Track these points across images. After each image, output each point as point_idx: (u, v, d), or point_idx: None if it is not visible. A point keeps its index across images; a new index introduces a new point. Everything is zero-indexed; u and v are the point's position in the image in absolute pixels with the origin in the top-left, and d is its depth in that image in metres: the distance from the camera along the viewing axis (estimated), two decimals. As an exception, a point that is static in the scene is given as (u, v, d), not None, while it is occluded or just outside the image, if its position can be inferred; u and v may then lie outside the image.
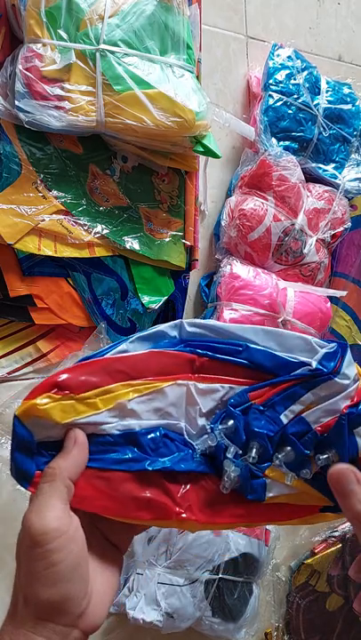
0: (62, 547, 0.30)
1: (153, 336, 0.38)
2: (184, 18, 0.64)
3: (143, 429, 0.36)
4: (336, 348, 0.38)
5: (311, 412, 0.38)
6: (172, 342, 0.38)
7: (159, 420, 0.37)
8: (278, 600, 0.89)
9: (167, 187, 0.72)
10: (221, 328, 0.38)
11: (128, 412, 0.36)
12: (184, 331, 0.38)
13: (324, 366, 0.37)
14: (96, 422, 0.35)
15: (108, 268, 0.67)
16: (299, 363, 0.38)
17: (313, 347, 0.38)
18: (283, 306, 0.73)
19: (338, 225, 0.82)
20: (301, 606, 0.89)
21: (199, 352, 0.38)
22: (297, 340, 0.38)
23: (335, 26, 0.96)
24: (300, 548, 0.92)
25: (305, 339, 0.38)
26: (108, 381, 0.35)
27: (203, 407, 0.38)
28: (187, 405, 0.38)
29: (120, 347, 0.36)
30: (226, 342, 0.38)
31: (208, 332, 0.39)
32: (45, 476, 0.33)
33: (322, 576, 0.91)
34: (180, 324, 0.38)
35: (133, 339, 0.37)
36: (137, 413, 0.36)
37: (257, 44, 0.85)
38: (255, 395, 0.38)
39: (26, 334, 0.64)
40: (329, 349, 0.38)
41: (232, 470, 0.36)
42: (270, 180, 0.75)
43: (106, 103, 0.59)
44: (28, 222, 0.60)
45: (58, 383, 0.34)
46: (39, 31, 0.57)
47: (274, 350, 0.38)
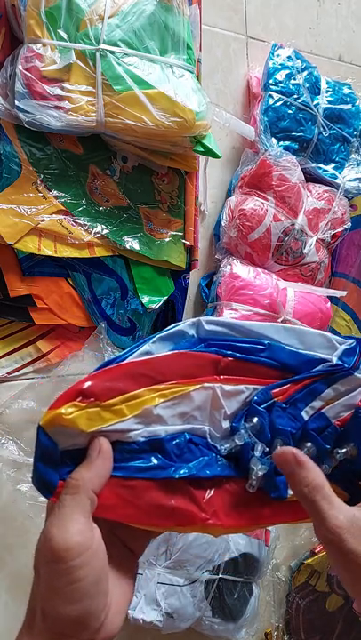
0: (85, 563, 0.30)
1: (173, 335, 0.37)
2: (184, 18, 0.64)
3: (168, 435, 0.35)
4: (355, 344, 0.38)
5: (331, 408, 0.38)
6: (191, 342, 0.37)
7: (184, 424, 0.36)
8: (278, 600, 0.89)
9: (167, 187, 0.72)
10: (242, 326, 0.38)
11: (154, 418, 0.35)
12: (202, 329, 0.38)
13: (345, 362, 0.37)
14: (122, 430, 0.34)
15: (108, 268, 0.67)
16: (319, 359, 0.38)
17: (333, 343, 0.38)
18: (283, 306, 0.73)
19: (338, 225, 0.82)
20: (301, 606, 0.89)
21: (224, 352, 0.37)
22: (318, 338, 0.38)
23: (335, 26, 0.96)
24: (300, 548, 0.92)
25: (325, 335, 0.39)
26: (133, 386, 0.34)
27: (227, 410, 0.37)
28: (211, 409, 0.37)
29: (143, 348, 0.35)
30: (247, 341, 0.38)
31: (228, 329, 0.38)
32: (68, 488, 0.32)
33: (322, 576, 0.91)
34: (198, 322, 0.37)
35: (155, 339, 0.36)
36: (163, 419, 0.35)
37: (257, 44, 0.85)
38: (277, 392, 0.38)
39: (26, 334, 0.64)
40: (348, 345, 0.38)
41: (259, 468, 0.35)
42: (270, 180, 0.75)
43: (106, 103, 0.59)
44: (28, 222, 0.60)
45: (83, 391, 0.33)
46: (39, 31, 0.57)
47: (295, 348, 0.38)
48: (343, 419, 0.38)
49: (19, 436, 0.64)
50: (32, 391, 0.65)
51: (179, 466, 0.35)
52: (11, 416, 0.64)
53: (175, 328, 0.37)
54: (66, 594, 0.30)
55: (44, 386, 0.66)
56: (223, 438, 0.37)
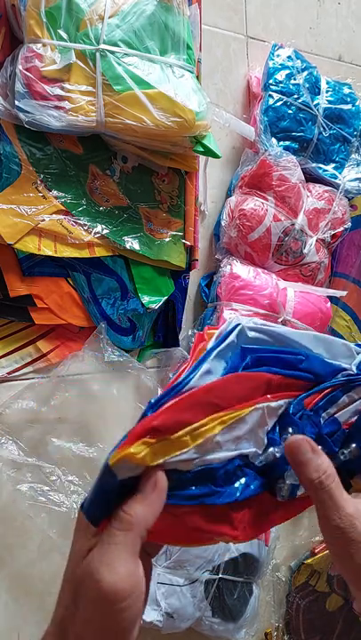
0: (131, 605, 0.29)
1: (225, 348, 0.36)
2: (184, 18, 0.64)
3: (221, 463, 0.35)
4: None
5: (343, 413, 0.39)
6: (236, 354, 0.37)
7: (236, 450, 0.36)
8: (278, 600, 0.89)
9: (167, 187, 0.72)
10: (280, 335, 0.38)
11: (213, 446, 0.34)
12: (243, 337, 0.37)
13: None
14: (182, 460, 0.33)
15: (108, 268, 0.67)
16: (341, 368, 0.39)
17: (352, 352, 0.40)
18: (283, 306, 0.73)
19: (338, 225, 0.82)
20: (301, 606, 0.89)
21: (275, 371, 0.37)
22: (341, 347, 0.40)
23: (335, 26, 0.96)
24: (300, 548, 0.92)
25: (347, 345, 0.40)
26: (199, 416, 0.34)
27: (269, 425, 0.37)
28: (258, 428, 0.37)
29: (203, 367, 0.35)
30: (288, 351, 0.38)
31: (267, 337, 0.38)
32: (122, 523, 0.30)
33: (322, 576, 0.91)
34: (241, 329, 0.37)
35: (213, 355, 0.35)
36: (220, 445, 0.35)
37: (257, 44, 0.85)
38: (307, 401, 0.38)
39: (26, 334, 0.64)
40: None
41: (294, 480, 0.36)
42: (270, 180, 0.75)
43: (106, 103, 0.59)
44: (28, 222, 0.60)
45: (153, 428, 0.32)
46: (39, 31, 0.57)
47: (325, 357, 0.39)
48: (350, 422, 0.39)
49: (19, 436, 0.64)
50: (32, 391, 0.65)
51: (224, 491, 0.35)
52: (11, 416, 0.64)
53: (227, 340, 0.37)
54: (107, 630, 0.29)
55: (44, 386, 0.66)
56: (263, 453, 0.37)
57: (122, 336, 0.69)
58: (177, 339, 0.75)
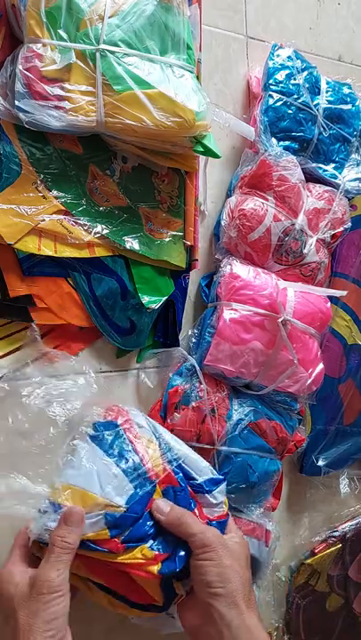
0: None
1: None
2: (184, 18, 0.64)
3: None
4: (220, 477, 0.60)
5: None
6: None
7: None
8: (278, 600, 0.89)
9: (167, 187, 0.72)
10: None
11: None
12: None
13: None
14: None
15: (108, 267, 0.67)
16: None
17: (208, 472, 0.60)
18: (283, 306, 0.73)
19: (338, 225, 0.82)
20: (301, 606, 0.89)
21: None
22: (204, 468, 0.60)
23: (335, 26, 0.96)
24: (300, 548, 0.92)
25: (208, 467, 0.61)
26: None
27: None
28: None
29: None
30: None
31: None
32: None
33: (322, 576, 0.91)
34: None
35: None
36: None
37: (257, 44, 0.85)
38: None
39: (26, 334, 0.64)
40: (215, 476, 0.59)
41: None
42: (270, 180, 0.75)
43: (106, 103, 0.59)
44: (28, 222, 0.60)
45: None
46: (39, 31, 0.57)
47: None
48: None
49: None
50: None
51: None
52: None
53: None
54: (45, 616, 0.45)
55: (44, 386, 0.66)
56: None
57: (122, 336, 0.69)
58: (177, 339, 0.75)
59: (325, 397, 0.87)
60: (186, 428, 0.70)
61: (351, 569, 0.93)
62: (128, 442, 0.55)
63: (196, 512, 0.56)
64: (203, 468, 0.59)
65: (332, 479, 0.96)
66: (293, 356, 0.73)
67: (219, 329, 0.71)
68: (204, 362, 0.71)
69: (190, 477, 0.58)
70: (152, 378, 0.74)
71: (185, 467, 0.58)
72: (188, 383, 0.72)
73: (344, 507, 0.98)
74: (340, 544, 0.92)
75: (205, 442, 0.70)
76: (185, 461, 0.58)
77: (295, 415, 0.79)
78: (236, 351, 0.71)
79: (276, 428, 0.75)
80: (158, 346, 0.75)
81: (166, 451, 0.57)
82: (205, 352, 0.72)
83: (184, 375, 0.73)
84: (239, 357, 0.72)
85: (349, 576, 0.93)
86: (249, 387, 0.76)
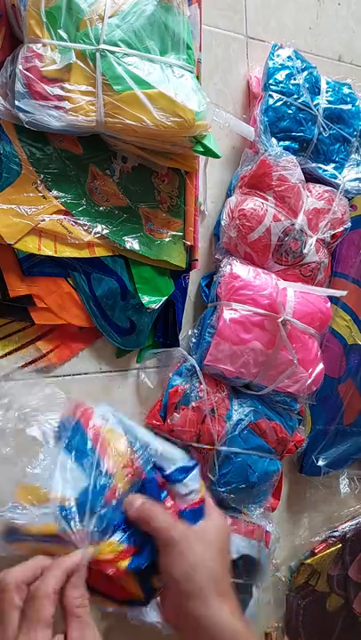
0: None
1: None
2: (184, 18, 0.64)
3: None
4: (190, 464, 0.57)
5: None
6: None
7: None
8: (278, 600, 0.89)
9: (167, 187, 0.72)
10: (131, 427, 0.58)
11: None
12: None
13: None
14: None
15: (108, 267, 0.67)
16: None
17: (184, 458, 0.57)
18: (283, 306, 0.73)
19: (338, 225, 0.82)
20: (301, 606, 0.89)
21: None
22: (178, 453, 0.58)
23: (335, 26, 0.96)
24: (300, 548, 0.92)
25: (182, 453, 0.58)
26: None
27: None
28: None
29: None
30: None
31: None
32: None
33: (322, 576, 0.91)
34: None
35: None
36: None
37: (257, 44, 0.85)
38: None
39: (26, 334, 0.64)
40: (185, 464, 0.56)
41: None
42: (270, 180, 0.75)
43: (106, 103, 0.59)
44: (28, 222, 0.60)
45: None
46: (39, 31, 0.57)
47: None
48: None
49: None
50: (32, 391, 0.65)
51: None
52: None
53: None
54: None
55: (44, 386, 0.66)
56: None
57: (122, 336, 0.69)
58: (177, 339, 0.75)
59: (325, 397, 0.87)
60: (186, 428, 0.70)
61: (351, 569, 0.93)
62: (88, 435, 0.54)
63: (168, 503, 0.55)
64: (174, 456, 0.58)
65: (332, 479, 0.96)
66: (293, 356, 0.73)
67: (219, 329, 0.71)
68: (204, 362, 0.71)
69: (161, 468, 0.57)
70: (152, 378, 0.74)
71: (155, 458, 0.57)
72: (188, 383, 0.72)
73: (344, 507, 0.98)
74: (340, 544, 0.92)
75: (205, 442, 0.70)
76: (156, 452, 0.57)
77: (295, 415, 0.80)
78: (235, 351, 0.71)
79: (275, 428, 0.75)
80: (158, 346, 0.75)
81: (135, 443, 0.56)
82: (205, 352, 0.72)
83: (184, 375, 0.73)
84: (239, 357, 0.72)
85: (349, 576, 0.93)
86: (249, 387, 0.76)
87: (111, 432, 0.56)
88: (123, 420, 0.58)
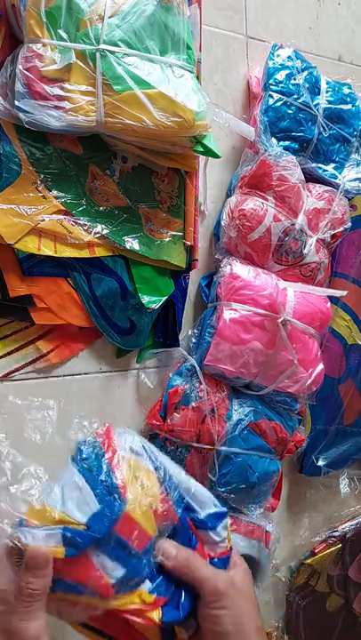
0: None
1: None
2: (184, 18, 0.64)
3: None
4: (223, 511, 0.54)
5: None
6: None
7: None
8: (278, 600, 0.89)
9: (167, 187, 0.72)
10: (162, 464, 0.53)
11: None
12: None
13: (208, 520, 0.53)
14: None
15: (108, 267, 0.67)
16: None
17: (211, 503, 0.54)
18: (283, 306, 0.73)
19: (338, 225, 0.82)
20: (301, 606, 0.89)
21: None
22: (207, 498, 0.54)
23: (335, 26, 0.96)
24: (300, 548, 0.92)
25: (211, 497, 0.55)
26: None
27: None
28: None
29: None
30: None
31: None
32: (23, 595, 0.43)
33: (322, 576, 0.91)
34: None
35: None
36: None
37: (257, 44, 0.85)
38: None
39: (26, 334, 0.64)
40: (218, 510, 0.53)
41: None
42: (270, 180, 0.75)
43: (106, 103, 0.59)
44: (28, 222, 0.60)
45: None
46: (39, 31, 0.57)
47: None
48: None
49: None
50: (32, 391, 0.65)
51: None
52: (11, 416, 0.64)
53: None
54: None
55: (44, 386, 0.66)
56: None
57: (122, 336, 0.69)
58: (177, 339, 0.75)
59: (325, 397, 0.87)
60: (186, 429, 0.70)
61: (351, 569, 0.93)
62: (106, 458, 0.50)
63: (199, 551, 0.52)
64: (206, 499, 0.54)
65: (333, 479, 0.96)
66: (293, 356, 0.73)
67: (219, 329, 0.71)
68: (204, 362, 0.71)
69: (192, 510, 0.53)
70: (152, 378, 0.74)
71: (187, 498, 0.53)
72: (188, 383, 0.72)
73: (344, 507, 0.98)
74: (340, 544, 0.92)
75: (205, 442, 0.70)
76: (188, 493, 0.53)
77: (295, 415, 0.80)
78: (236, 351, 0.71)
79: (276, 428, 0.75)
80: (158, 346, 0.75)
81: (166, 481, 0.51)
82: (205, 352, 0.72)
83: (184, 375, 0.73)
84: (239, 357, 0.72)
85: (349, 576, 0.93)
86: (249, 387, 0.76)
87: (138, 466, 0.51)
88: (153, 453, 0.54)
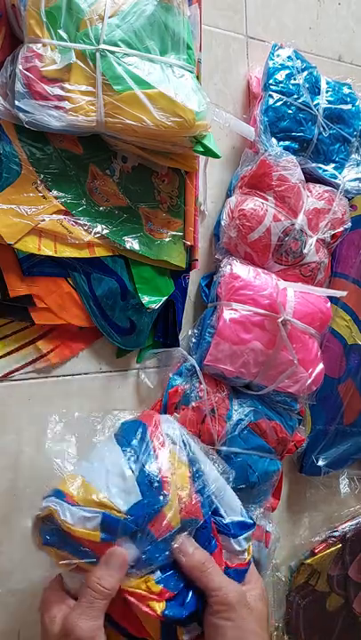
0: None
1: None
2: (184, 18, 0.64)
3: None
4: (250, 522, 0.54)
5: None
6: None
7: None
8: (278, 600, 0.89)
9: (167, 187, 0.72)
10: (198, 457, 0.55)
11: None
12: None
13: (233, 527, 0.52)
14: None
15: (108, 267, 0.67)
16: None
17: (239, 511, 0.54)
18: (283, 306, 0.73)
19: (338, 225, 0.82)
20: (301, 606, 0.89)
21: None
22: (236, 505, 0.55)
23: (335, 26, 0.96)
24: (300, 547, 0.92)
25: (240, 507, 0.55)
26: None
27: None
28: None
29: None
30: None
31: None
32: (96, 592, 0.44)
33: (322, 576, 0.91)
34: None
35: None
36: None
37: (257, 44, 0.85)
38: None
39: (26, 334, 0.64)
40: (245, 520, 0.54)
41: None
42: (270, 180, 0.75)
43: (106, 103, 0.59)
44: (28, 222, 0.60)
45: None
46: (39, 31, 0.57)
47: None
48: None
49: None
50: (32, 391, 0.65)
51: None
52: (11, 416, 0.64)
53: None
54: None
55: (44, 386, 0.66)
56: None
57: (122, 336, 0.69)
58: (177, 339, 0.75)
59: (325, 397, 0.87)
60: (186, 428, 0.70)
61: (351, 569, 0.93)
62: (151, 447, 0.49)
63: (217, 556, 0.50)
64: (235, 507, 0.53)
65: (333, 479, 0.96)
66: (293, 356, 0.73)
67: (219, 329, 0.71)
68: (204, 362, 0.71)
69: (218, 514, 0.52)
70: (152, 378, 0.74)
71: (215, 500, 0.51)
72: (188, 383, 0.72)
73: (344, 507, 0.98)
74: (341, 544, 0.92)
75: (205, 442, 0.70)
76: (217, 494, 0.51)
77: (295, 415, 0.80)
78: (236, 351, 0.71)
79: (276, 428, 0.75)
80: (158, 346, 0.75)
81: (198, 476, 0.50)
82: (205, 352, 0.72)
83: (184, 375, 0.73)
84: (239, 357, 0.72)
85: (349, 576, 0.93)
86: (249, 387, 0.76)
87: (174, 456, 0.50)
88: (190, 445, 0.53)
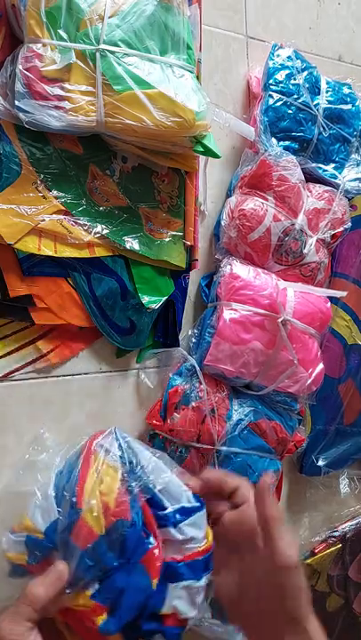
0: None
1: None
2: (184, 18, 0.64)
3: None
4: (192, 506, 0.50)
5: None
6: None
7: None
8: (278, 600, 0.89)
9: (167, 187, 0.72)
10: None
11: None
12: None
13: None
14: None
15: (108, 267, 0.67)
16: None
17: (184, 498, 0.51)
18: (283, 306, 0.73)
19: (338, 225, 0.82)
20: (301, 606, 0.89)
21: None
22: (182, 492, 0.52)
23: (335, 26, 0.96)
24: (300, 548, 0.92)
25: (187, 493, 0.52)
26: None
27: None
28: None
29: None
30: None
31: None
32: (25, 598, 0.44)
33: (322, 576, 0.91)
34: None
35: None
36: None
37: (257, 44, 0.85)
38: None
39: (26, 334, 0.64)
40: (185, 505, 0.50)
41: None
42: (270, 180, 0.75)
43: (106, 103, 0.59)
44: (28, 222, 0.60)
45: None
46: (39, 31, 0.57)
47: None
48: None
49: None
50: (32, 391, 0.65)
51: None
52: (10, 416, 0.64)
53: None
54: None
55: (44, 386, 0.66)
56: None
57: (122, 336, 0.69)
58: (177, 339, 0.75)
59: (325, 397, 0.87)
60: (186, 428, 0.70)
61: (351, 569, 0.93)
62: (79, 464, 0.49)
63: (155, 552, 0.47)
64: (178, 494, 0.50)
65: (333, 479, 0.96)
66: (293, 356, 0.73)
67: (219, 329, 0.71)
68: (204, 362, 0.71)
69: (160, 506, 0.49)
70: (152, 378, 0.74)
71: (158, 495, 0.49)
72: (188, 383, 0.72)
73: (344, 507, 0.98)
74: (340, 544, 0.92)
75: (205, 442, 0.70)
76: (158, 486, 0.50)
77: (295, 415, 0.80)
78: (236, 351, 0.71)
79: (276, 428, 0.75)
80: (158, 346, 0.75)
81: (132, 475, 0.49)
82: (205, 352, 0.72)
83: (184, 375, 0.73)
84: (239, 357, 0.72)
85: (349, 576, 0.93)
86: (249, 387, 0.76)
87: (107, 465, 0.49)
88: (131, 445, 0.52)
